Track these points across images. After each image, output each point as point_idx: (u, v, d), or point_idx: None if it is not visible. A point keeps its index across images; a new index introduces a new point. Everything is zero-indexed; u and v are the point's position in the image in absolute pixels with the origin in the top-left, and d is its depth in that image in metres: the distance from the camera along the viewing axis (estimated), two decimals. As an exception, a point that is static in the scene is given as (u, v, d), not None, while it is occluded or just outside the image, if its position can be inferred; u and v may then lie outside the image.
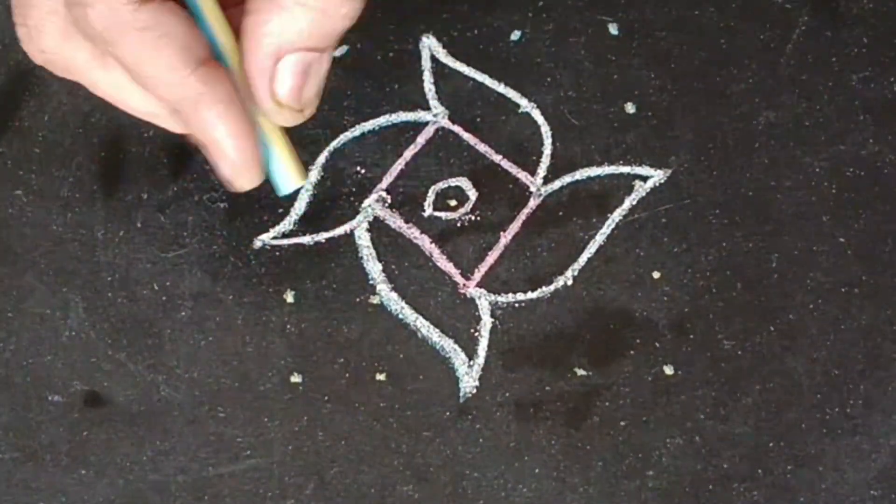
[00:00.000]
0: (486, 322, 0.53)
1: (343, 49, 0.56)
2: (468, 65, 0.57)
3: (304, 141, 0.56)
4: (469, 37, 0.57)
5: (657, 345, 0.53)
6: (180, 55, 0.47)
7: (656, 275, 0.54)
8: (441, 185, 0.55)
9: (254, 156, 0.49)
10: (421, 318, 0.53)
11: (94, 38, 0.48)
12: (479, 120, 0.56)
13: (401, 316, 0.53)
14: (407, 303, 0.53)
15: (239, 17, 0.48)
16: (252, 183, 0.49)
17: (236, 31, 0.48)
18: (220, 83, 0.48)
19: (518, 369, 0.53)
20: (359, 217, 0.55)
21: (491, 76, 0.57)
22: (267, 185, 0.56)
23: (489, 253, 0.54)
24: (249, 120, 0.49)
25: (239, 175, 0.49)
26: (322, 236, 0.55)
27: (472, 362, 0.53)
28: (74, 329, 0.53)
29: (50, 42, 0.49)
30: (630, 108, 0.56)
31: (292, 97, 0.49)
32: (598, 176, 0.55)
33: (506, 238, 0.55)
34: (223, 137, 0.48)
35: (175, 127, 0.50)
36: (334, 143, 0.56)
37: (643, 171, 0.55)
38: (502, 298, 0.54)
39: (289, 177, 0.50)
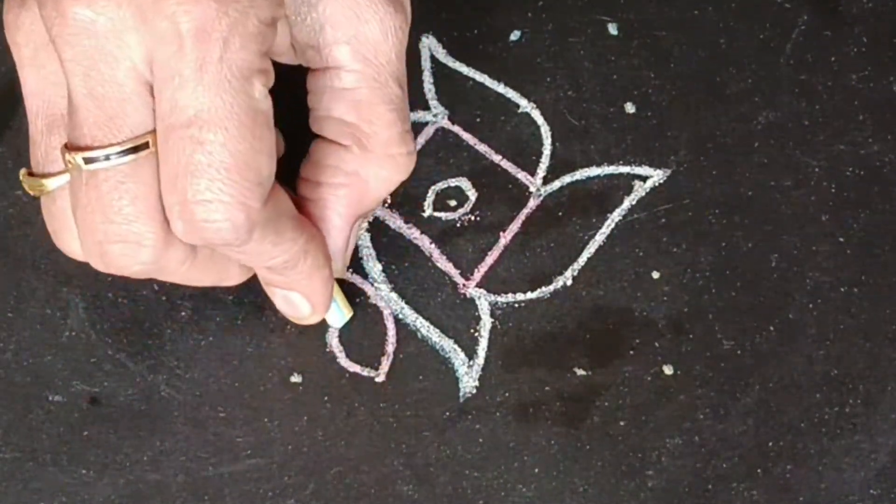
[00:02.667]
0: (486, 322, 0.53)
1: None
2: (468, 65, 0.57)
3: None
4: (469, 37, 0.57)
5: (657, 345, 0.53)
6: (294, 224, 0.48)
7: (656, 275, 0.54)
8: (441, 185, 0.55)
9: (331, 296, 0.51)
10: (421, 318, 0.53)
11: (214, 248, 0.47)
12: (478, 120, 0.56)
13: (400, 316, 0.53)
14: (406, 303, 0.54)
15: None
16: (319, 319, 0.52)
17: None
18: (317, 234, 0.50)
19: (518, 369, 0.53)
20: (358, 217, 0.55)
21: (490, 76, 0.57)
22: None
23: (489, 253, 0.54)
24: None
25: (318, 315, 0.51)
26: (322, 236, 0.55)
27: (471, 362, 0.53)
28: (75, 329, 0.53)
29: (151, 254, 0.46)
30: (630, 108, 0.56)
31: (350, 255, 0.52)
32: (598, 176, 0.55)
33: (505, 238, 0.55)
34: (319, 285, 0.50)
35: (235, 280, 0.50)
36: (334, 143, 0.56)
37: (642, 170, 0.55)
38: (502, 298, 0.54)
39: (342, 313, 0.53)
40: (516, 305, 0.54)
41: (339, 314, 0.53)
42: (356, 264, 0.54)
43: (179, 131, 0.43)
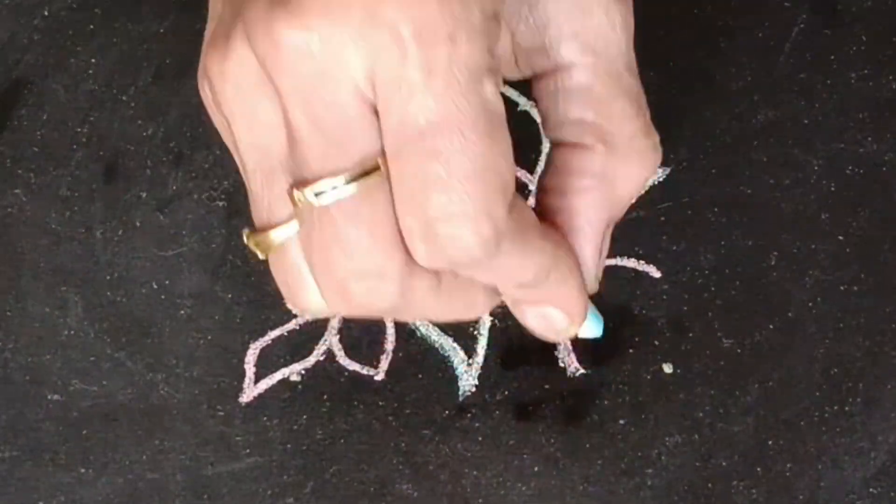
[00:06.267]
0: (485, 320, 0.53)
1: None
2: (467, 63, 0.57)
3: (302, 140, 0.56)
4: (468, 35, 0.57)
5: (656, 343, 0.53)
6: (539, 232, 0.44)
7: (655, 273, 0.54)
8: (440, 183, 0.55)
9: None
10: (420, 316, 0.53)
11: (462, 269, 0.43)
12: (477, 118, 0.56)
13: (400, 314, 0.53)
14: (406, 301, 0.53)
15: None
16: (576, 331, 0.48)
17: None
18: (563, 239, 0.46)
19: (517, 368, 0.53)
20: (358, 216, 0.55)
21: (490, 75, 0.57)
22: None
23: (488, 251, 0.54)
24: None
25: (577, 326, 0.47)
26: (321, 235, 0.55)
27: (471, 361, 0.53)
28: (73, 328, 0.53)
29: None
30: (629, 106, 0.56)
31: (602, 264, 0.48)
32: (597, 174, 0.55)
33: (505, 236, 0.54)
34: (574, 293, 0.46)
35: (482, 310, 0.46)
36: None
37: (642, 169, 0.55)
38: (501, 297, 0.54)
39: (598, 319, 0.49)
40: (516, 304, 0.54)
41: (595, 321, 0.48)
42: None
43: (411, 145, 0.40)
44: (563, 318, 0.46)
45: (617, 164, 0.46)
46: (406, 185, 0.41)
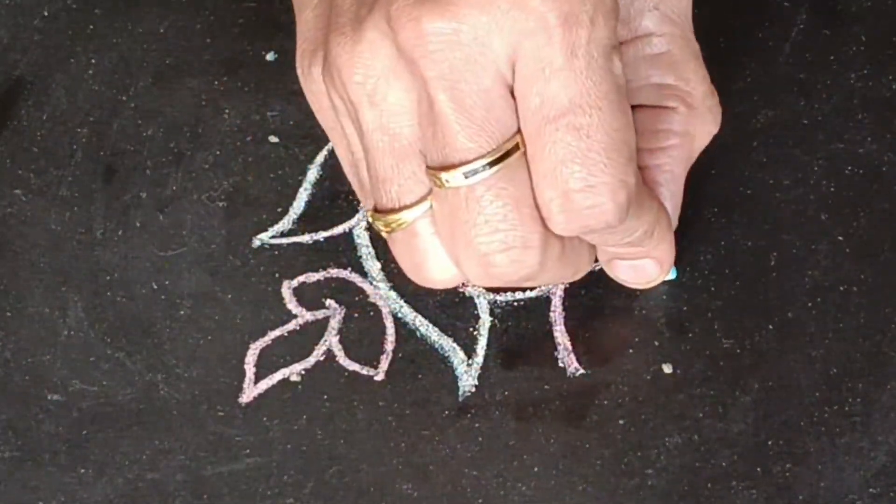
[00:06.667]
0: (485, 321, 0.53)
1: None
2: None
3: (303, 139, 0.56)
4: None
5: (656, 343, 0.53)
6: (648, 193, 0.48)
7: (655, 273, 0.54)
8: (440, 183, 0.55)
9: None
10: (420, 316, 0.53)
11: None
12: (477, 119, 0.56)
13: (399, 314, 0.53)
14: (406, 301, 0.53)
15: None
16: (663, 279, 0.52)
17: None
18: (657, 195, 0.50)
19: (517, 368, 0.53)
20: (357, 216, 0.55)
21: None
22: (267, 184, 0.56)
23: (488, 251, 0.54)
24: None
25: (664, 275, 0.52)
26: (321, 235, 0.55)
27: (470, 361, 0.53)
28: (73, 328, 0.53)
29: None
30: (629, 106, 0.56)
31: None
32: (597, 174, 0.55)
33: (504, 236, 0.54)
34: (669, 246, 0.51)
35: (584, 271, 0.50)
36: (333, 142, 0.55)
37: (642, 169, 0.55)
38: (501, 297, 0.54)
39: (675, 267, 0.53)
40: (515, 304, 0.54)
41: (673, 268, 0.53)
42: (355, 262, 0.54)
43: (554, 122, 0.43)
44: (655, 268, 0.51)
45: (695, 121, 0.50)
46: (546, 161, 0.44)
